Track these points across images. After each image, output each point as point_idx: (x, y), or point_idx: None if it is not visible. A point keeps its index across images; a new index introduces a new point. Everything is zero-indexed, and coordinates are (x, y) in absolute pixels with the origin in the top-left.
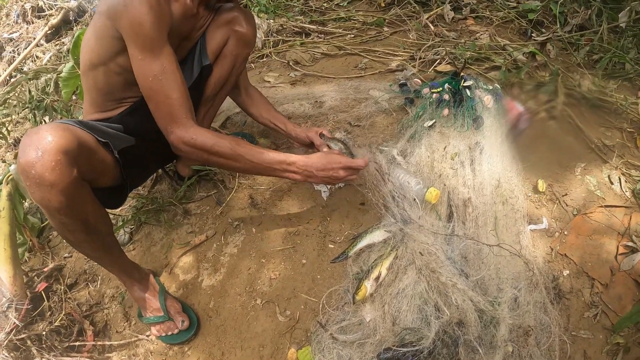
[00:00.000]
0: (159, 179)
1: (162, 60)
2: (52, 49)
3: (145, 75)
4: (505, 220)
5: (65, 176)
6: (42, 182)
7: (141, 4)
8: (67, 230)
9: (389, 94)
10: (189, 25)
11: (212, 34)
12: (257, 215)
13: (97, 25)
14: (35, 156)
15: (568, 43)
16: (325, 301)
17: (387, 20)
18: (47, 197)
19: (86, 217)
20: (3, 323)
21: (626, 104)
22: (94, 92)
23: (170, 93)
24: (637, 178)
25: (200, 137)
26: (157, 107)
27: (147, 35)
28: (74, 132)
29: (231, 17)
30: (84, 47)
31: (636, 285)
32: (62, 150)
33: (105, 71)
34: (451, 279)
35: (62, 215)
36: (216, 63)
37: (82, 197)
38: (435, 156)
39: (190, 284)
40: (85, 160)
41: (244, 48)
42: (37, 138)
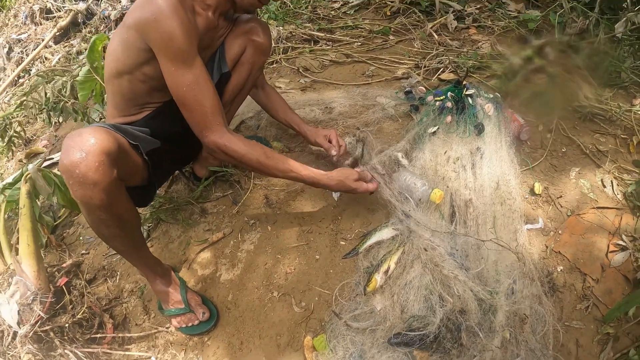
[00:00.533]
0: (175, 179)
1: (194, 70)
2: (61, 50)
3: (178, 85)
4: (504, 220)
5: (107, 176)
6: (85, 181)
7: (171, 19)
8: (104, 225)
9: (395, 101)
10: (211, 36)
11: (231, 43)
12: (272, 214)
13: (124, 37)
14: (79, 157)
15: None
16: (338, 293)
17: (393, 29)
18: (89, 195)
19: (121, 213)
20: (28, 315)
21: (620, 112)
22: (118, 98)
23: (204, 101)
24: (628, 181)
25: (233, 145)
26: (192, 115)
27: (179, 48)
28: (113, 135)
29: (249, 27)
30: (109, 56)
31: (625, 281)
32: (105, 152)
33: (130, 79)
34: (452, 271)
35: (101, 211)
36: (234, 70)
37: (119, 195)
38: (438, 160)
39: (209, 279)
40: (122, 162)
41: (261, 56)
42: (80, 140)
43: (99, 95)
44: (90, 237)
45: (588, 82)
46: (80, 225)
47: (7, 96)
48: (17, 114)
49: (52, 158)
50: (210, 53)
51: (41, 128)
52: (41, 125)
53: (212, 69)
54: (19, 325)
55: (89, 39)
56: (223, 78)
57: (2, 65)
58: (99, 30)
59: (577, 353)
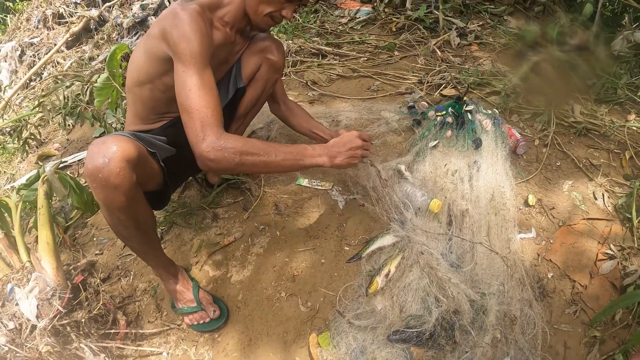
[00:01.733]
0: (187, 185)
1: (202, 76)
2: (73, 55)
3: (184, 85)
4: (497, 229)
5: (127, 180)
6: (107, 184)
7: (189, 24)
8: (123, 225)
9: (399, 115)
10: (227, 50)
11: (247, 60)
12: (280, 221)
13: (148, 47)
14: (102, 162)
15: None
16: (342, 294)
17: (398, 44)
18: (110, 197)
19: (139, 215)
20: (47, 310)
21: (614, 127)
22: (139, 106)
23: (206, 104)
24: (619, 194)
25: (231, 139)
26: (191, 117)
27: (192, 51)
28: (133, 143)
29: (264, 46)
30: (132, 65)
31: (612, 287)
32: (126, 159)
33: (151, 88)
34: (446, 274)
35: (121, 212)
36: (249, 86)
37: (138, 198)
38: (438, 172)
39: (220, 279)
40: (141, 168)
41: (274, 74)
42: (104, 147)
43: (114, 103)
44: (104, 239)
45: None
46: (94, 226)
47: (19, 98)
48: (33, 116)
49: (65, 161)
50: (227, 68)
51: (53, 131)
52: (54, 128)
53: (229, 83)
54: (38, 319)
55: (101, 46)
56: (238, 92)
57: (14, 67)
58: (110, 37)
59: (565, 354)
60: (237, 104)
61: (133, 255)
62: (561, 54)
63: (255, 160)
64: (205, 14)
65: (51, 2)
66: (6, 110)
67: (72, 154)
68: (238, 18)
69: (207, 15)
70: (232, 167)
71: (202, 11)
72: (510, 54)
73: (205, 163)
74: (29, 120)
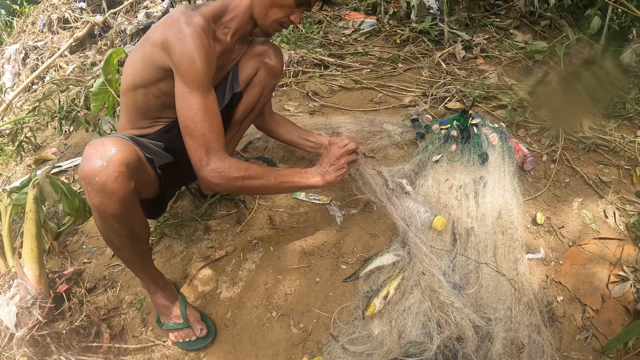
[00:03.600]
0: (180, 195)
1: (206, 98)
2: (76, 60)
3: (189, 107)
4: (504, 249)
5: (125, 186)
6: (104, 189)
7: (195, 44)
8: (115, 234)
9: (402, 128)
10: (226, 58)
11: (244, 64)
12: (275, 235)
13: (147, 52)
14: (100, 165)
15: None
16: (337, 316)
17: (402, 56)
18: (105, 203)
19: (133, 224)
20: (26, 318)
21: (624, 143)
22: (131, 110)
23: (211, 129)
24: (631, 212)
25: (234, 165)
26: (194, 140)
27: (196, 72)
28: (133, 147)
29: (262, 50)
30: (127, 69)
31: (625, 311)
32: (125, 163)
33: (145, 93)
34: (449, 297)
35: (114, 220)
36: (246, 91)
37: (133, 206)
38: (441, 188)
39: (208, 295)
40: (139, 174)
41: (272, 79)
42: (102, 149)
43: (110, 108)
44: (93, 247)
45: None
46: (84, 234)
47: (20, 101)
48: (29, 119)
49: (60, 166)
50: (223, 74)
51: (51, 135)
52: (52, 132)
53: (225, 88)
54: (17, 328)
55: (104, 52)
56: (235, 98)
57: (17, 70)
58: (114, 43)
59: None
60: (233, 109)
61: (121, 266)
62: (569, 68)
63: (255, 184)
64: (209, 27)
65: (57, 7)
66: (7, 113)
67: (69, 159)
68: (243, 23)
69: (211, 28)
70: (233, 190)
71: (206, 25)
72: (517, 69)
73: (208, 186)
74: (26, 123)
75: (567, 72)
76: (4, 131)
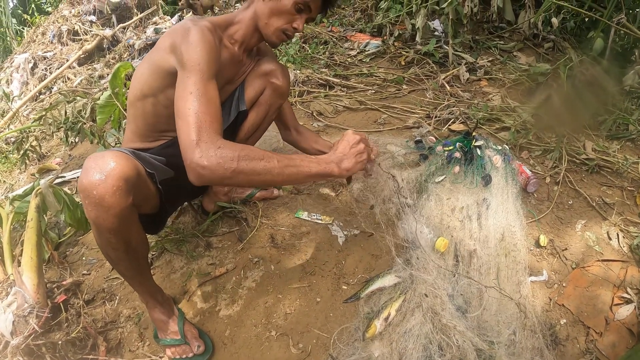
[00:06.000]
0: (182, 211)
1: (206, 84)
2: (84, 72)
3: (185, 89)
4: (507, 271)
5: (122, 201)
6: (101, 203)
7: (199, 35)
8: (112, 247)
9: (405, 149)
10: (234, 70)
11: (251, 83)
12: (276, 254)
13: (154, 59)
14: (98, 179)
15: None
16: (337, 337)
17: (406, 78)
18: (102, 217)
19: (130, 239)
20: (22, 327)
21: (627, 164)
22: (139, 121)
23: (206, 110)
24: (634, 234)
25: (228, 143)
26: (187, 122)
27: (199, 59)
28: (133, 162)
29: (269, 69)
30: (136, 78)
31: (630, 334)
32: (124, 178)
33: (153, 102)
34: (451, 320)
35: (111, 234)
36: (252, 109)
37: (131, 221)
38: (444, 209)
39: (207, 312)
40: (138, 189)
41: (278, 99)
42: (102, 162)
43: (116, 121)
44: (93, 259)
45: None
46: (85, 245)
47: (27, 110)
48: (35, 128)
49: (64, 176)
50: (232, 88)
51: (56, 145)
52: (57, 142)
53: (231, 106)
54: (12, 336)
55: (112, 65)
56: (240, 116)
57: (25, 79)
58: (122, 57)
59: None
60: (238, 127)
61: (120, 279)
62: (572, 90)
63: (254, 166)
64: (216, 30)
65: (67, 19)
66: (13, 121)
67: (73, 170)
68: (248, 35)
69: (218, 33)
70: (228, 176)
71: (212, 27)
72: (520, 91)
73: (197, 172)
74: (32, 132)
75: (569, 92)
76: (9, 139)
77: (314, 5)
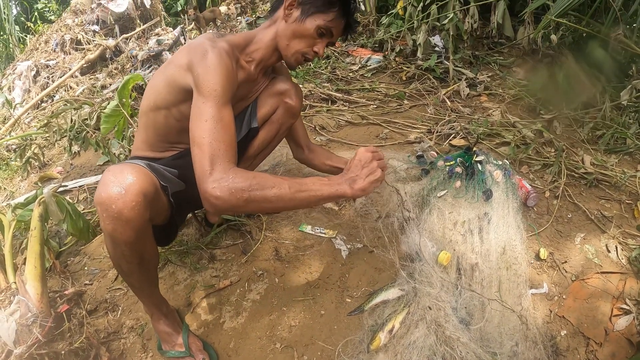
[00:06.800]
0: (186, 223)
1: (221, 110)
2: (86, 82)
3: (201, 115)
4: (509, 284)
5: (140, 216)
6: (119, 217)
7: (217, 59)
8: (125, 260)
9: (407, 164)
10: (248, 88)
11: (264, 100)
12: (280, 267)
13: (169, 73)
14: (117, 192)
15: (573, 120)
16: (341, 349)
17: (408, 93)
18: (119, 231)
19: (144, 252)
20: (26, 336)
21: (625, 178)
22: (150, 131)
23: (221, 138)
24: (633, 246)
25: (240, 172)
26: (201, 149)
27: (215, 85)
28: (151, 177)
29: (283, 89)
30: (150, 89)
31: (629, 344)
32: (143, 193)
33: (166, 115)
34: (455, 332)
35: (126, 247)
36: (263, 127)
37: (146, 235)
38: (446, 224)
39: (211, 324)
40: (155, 202)
41: (290, 118)
42: (121, 177)
43: (120, 132)
44: (96, 269)
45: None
46: (87, 255)
47: (28, 117)
48: (37, 135)
49: (66, 185)
50: (245, 105)
51: (58, 154)
52: (58, 151)
53: (242, 121)
54: (15, 345)
55: (114, 75)
56: (251, 132)
57: (27, 87)
58: (125, 67)
59: None
60: (248, 143)
61: (123, 290)
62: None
63: (266, 195)
64: (234, 52)
65: (71, 28)
66: (15, 128)
67: (74, 179)
68: (267, 55)
69: (235, 54)
70: (241, 205)
71: (230, 50)
72: (520, 106)
73: (211, 202)
74: (34, 139)
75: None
76: (11, 146)
77: (336, 31)
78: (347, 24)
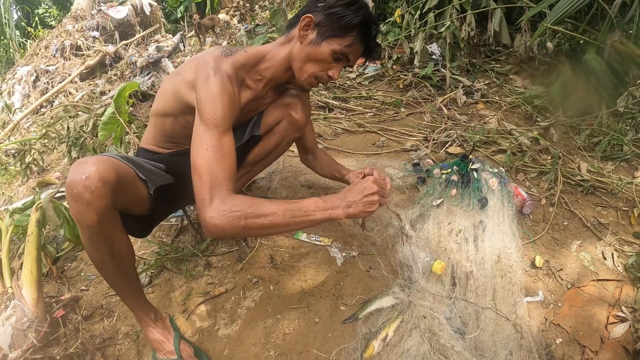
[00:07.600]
0: (182, 230)
1: (221, 138)
2: (86, 88)
3: (202, 144)
4: (504, 292)
5: (101, 199)
6: (80, 199)
7: (220, 87)
8: (95, 247)
9: (403, 172)
10: (256, 103)
11: (270, 111)
12: (275, 274)
13: (177, 85)
14: (79, 178)
15: (570, 127)
16: (335, 357)
17: (405, 101)
18: (82, 213)
19: (112, 241)
20: (21, 341)
21: (621, 185)
22: (158, 131)
23: (221, 167)
24: (629, 253)
25: (237, 200)
26: (201, 178)
27: (216, 113)
28: (115, 166)
29: (290, 102)
30: (161, 94)
31: (625, 352)
32: (102, 180)
33: (173, 121)
34: (449, 341)
35: (93, 232)
36: (265, 136)
37: (112, 223)
38: (441, 232)
39: (206, 331)
40: (121, 191)
41: (293, 132)
42: (84, 166)
43: (118, 138)
44: (92, 275)
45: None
46: (83, 261)
47: (28, 122)
48: (36, 141)
49: (63, 191)
50: (251, 115)
51: (56, 159)
52: (57, 156)
53: (246, 128)
54: (10, 349)
55: (114, 81)
56: (252, 139)
57: (27, 92)
58: (124, 74)
59: None
60: (248, 150)
61: (118, 297)
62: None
63: (262, 222)
64: (237, 75)
65: (71, 34)
66: (14, 133)
67: None
68: (278, 74)
69: (240, 76)
70: (238, 232)
71: (234, 74)
72: (517, 114)
73: (209, 230)
74: (33, 145)
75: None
76: (9, 151)
77: (353, 56)
78: (368, 49)
